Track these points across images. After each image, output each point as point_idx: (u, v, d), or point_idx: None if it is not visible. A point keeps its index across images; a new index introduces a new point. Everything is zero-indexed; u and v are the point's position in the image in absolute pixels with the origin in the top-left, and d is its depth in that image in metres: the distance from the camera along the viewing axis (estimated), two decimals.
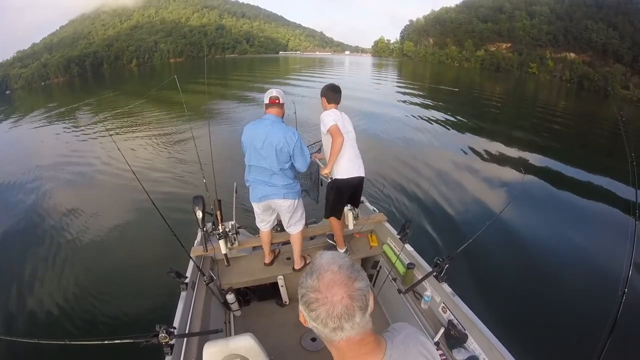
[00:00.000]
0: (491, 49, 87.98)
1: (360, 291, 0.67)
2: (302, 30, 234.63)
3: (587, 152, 10.84)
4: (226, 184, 3.49)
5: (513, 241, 4.61)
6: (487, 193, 6.33)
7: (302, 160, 2.30)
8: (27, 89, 70.62)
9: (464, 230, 4.73)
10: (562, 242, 4.79)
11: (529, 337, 2.87)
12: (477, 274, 3.74)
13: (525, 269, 4.06)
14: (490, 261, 4.03)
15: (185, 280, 2.25)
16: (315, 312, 0.66)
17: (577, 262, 4.30)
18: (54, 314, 3.43)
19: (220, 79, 32.28)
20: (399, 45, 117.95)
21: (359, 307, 0.66)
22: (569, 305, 3.39)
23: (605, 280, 3.52)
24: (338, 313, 0.65)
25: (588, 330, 1.96)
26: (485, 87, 34.88)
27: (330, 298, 0.65)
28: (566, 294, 3.58)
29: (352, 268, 0.70)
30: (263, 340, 1.70)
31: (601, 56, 67.48)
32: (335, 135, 2.36)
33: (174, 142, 9.69)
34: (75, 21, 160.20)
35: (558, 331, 3.04)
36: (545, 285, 3.73)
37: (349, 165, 2.59)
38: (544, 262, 4.21)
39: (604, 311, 1.51)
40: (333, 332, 0.66)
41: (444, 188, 6.33)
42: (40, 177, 7.52)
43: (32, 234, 5.09)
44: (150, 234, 4.53)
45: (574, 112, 22.99)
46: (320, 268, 0.69)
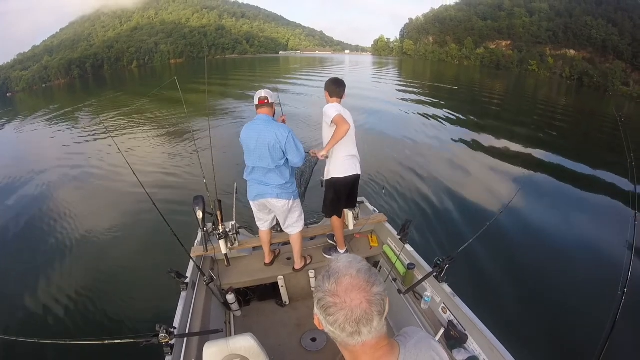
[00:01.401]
0: (491, 47, 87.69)
1: (378, 295, 0.67)
2: (302, 29, 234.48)
3: (586, 152, 10.79)
4: (226, 184, 3.50)
5: (513, 242, 4.60)
6: (487, 193, 6.32)
7: (296, 154, 2.28)
8: (28, 92, 70.75)
9: (464, 231, 4.73)
10: (562, 242, 4.78)
11: (529, 337, 2.87)
12: (477, 275, 3.74)
13: (525, 269, 4.05)
14: (491, 262, 4.03)
15: (186, 280, 2.26)
16: (333, 316, 0.66)
17: (577, 262, 4.29)
18: (54, 314, 3.44)
19: (221, 79, 32.30)
20: (399, 44, 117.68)
21: (377, 312, 0.66)
22: (569, 306, 3.39)
23: (605, 281, 3.50)
24: (356, 318, 0.64)
25: (588, 330, 1.96)
26: (485, 85, 34.81)
27: (349, 303, 0.65)
28: (566, 294, 3.57)
29: (370, 272, 0.70)
30: (263, 340, 1.70)
31: (601, 53, 67.19)
32: (341, 123, 2.31)
33: (174, 143, 9.72)
34: (75, 23, 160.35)
35: (558, 331, 3.03)
36: (545, 286, 3.73)
37: (347, 163, 2.59)
38: (543, 263, 4.20)
39: (604, 311, 1.51)
40: (350, 337, 0.66)
41: (444, 188, 6.32)
42: (41, 178, 7.55)
43: (32, 234, 5.11)
44: (150, 234, 4.54)
45: (574, 109, 22.94)
46: (339, 272, 0.69)
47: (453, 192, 6.17)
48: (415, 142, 9.66)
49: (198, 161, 2.91)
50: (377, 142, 9.27)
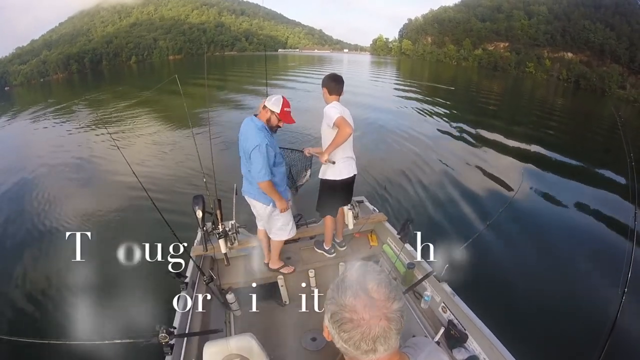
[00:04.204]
0: (489, 48, 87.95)
1: (398, 312, 0.62)
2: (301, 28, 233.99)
3: (585, 153, 10.87)
4: (226, 183, 3.48)
5: (513, 241, 4.62)
6: (487, 193, 6.34)
7: (254, 167, 2.16)
8: (26, 86, 70.04)
9: (464, 230, 4.73)
10: (562, 242, 4.81)
11: (529, 337, 2.87)
12: (477, 274, 3.74)
13: (525, 268, 4.07)
14: (490, 261, 4.04)
15: (185, 280, 2.25)
16: (348, 333, 0.61)
17: (577, 262, 4.31)
18: (54, 314, 3.41)
19: (220, 76, 32.08)
20: (398, 44, 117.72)
21: (396, 330, 0.61)
22: (569, 305, 3.41)
23: (605, 281, 3.54)
24: (374, 336, 0.60)
25: (588, 330, 1.97)
26: (482, 86, 34.92)
27: (367, 320, 0.60)
28: (566, 294, 3.59)
29: (390, 285, 0.64)
30: (263, 340, 1.70)
31: (598, 56, 67.56)
32: (343, 126, 2.27)
33: (173, 141, 9.64)
34: (74, 18, 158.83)
35: (558, 331, 3.05)
36: (545, 285, 3.74)
37: (343, 166, 2.57)
38: (543, 262, 4.22)
39: (604, 311, 1.52)
40: (364, 355, 0.62)
41: (443, 188, 6.34)
42: (39, 177, 7.44)
43: (30, 234, 5.04)
44: (149, 233, 4.49)
45: (571, 110, 23.09)
46: (357, 285, 0.63)
47: (452, 192, 6.19)
48: (414, 142, 9.64)
49: (198, 160, 2.89)
50: (376, 141, 9.26)
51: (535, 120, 15.62)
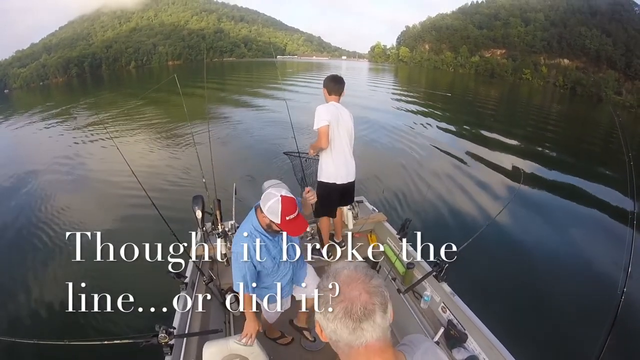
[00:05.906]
0: (486, 55, 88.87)
1: (378, 288, 0.67)
2: (300, 34, 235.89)
3: (583, 153, 10.98)
4: (226, 183, 3.48)
5: (512, 241, 4.65)
6: (486, 194, 6.39)
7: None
8: (25, 89, 70.22)
9: (464, 231, 4.76)
10: (562, 242, 4.85)
11: (529, 337, 2.88)
12: (476, 274, 3.75)
13: (524, 268, 4.09)
14: (490, 261, 4.05)
15: (185, 280, 2.24)
16: (332, 312, 0.65)
17: (577, 262, 4.35)
18: (54, 314, 3.39)
19: (219, 81, 32.30)
20: (396, 51, 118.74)
21: (379, 303, 0.65)
22: (568, 305, 3.42)
23: (604, 280, 3.56)
24: (357, 310, 0.64)
25: (588, 330, 1.97)
26: (479, 92, 35.26)
27: (348, 294, 0.65)
28: (566, 294, 3.60)
29: (367, 268, 0.71)
30: (263, 340, 1.69)
31: (595, 62, 68.41)
32: (321, 137, 2.31)
33: (173, 142, 9.66)
34: (74, 22, 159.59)
35: (558, 331, 3.05)
36: (544, 285, 3.76)
37: (337, 171, 2.52)
38: (543, 262, 4.25)
39: (604, 311, 1.52)
40: (353, 334, 0.64)
41: (443, 189, 6.38)
42: (39, 178, 7.42)
43: (30, 234, 5.01)
44: (149, 233, 4.47)
45: (568, 116, 23.32)
46: (337, 270, 0.70)
47: (452, 193, 6.23)
48: (413, 146, 9.70)
49: (197, 160, 2.89)
50: (374, 145, 9.31)
51: (533, 124, 15.82)
